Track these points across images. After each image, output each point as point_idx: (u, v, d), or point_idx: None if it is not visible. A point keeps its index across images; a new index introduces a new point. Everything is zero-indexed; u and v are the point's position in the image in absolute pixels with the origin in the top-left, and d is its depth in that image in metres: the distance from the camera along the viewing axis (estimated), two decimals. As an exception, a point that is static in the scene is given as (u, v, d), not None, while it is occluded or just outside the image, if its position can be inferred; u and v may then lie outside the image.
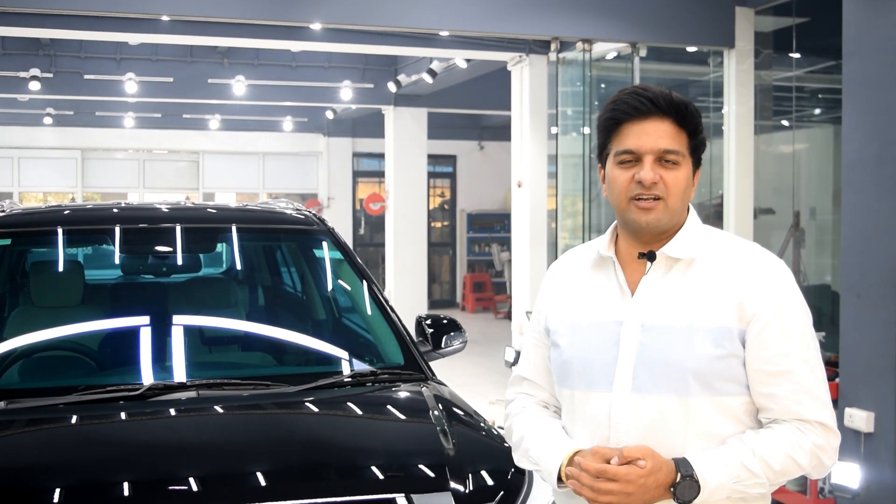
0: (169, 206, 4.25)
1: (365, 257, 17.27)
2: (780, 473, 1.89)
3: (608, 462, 1.86)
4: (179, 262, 4.12)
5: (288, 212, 4.22)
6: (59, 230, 3.91)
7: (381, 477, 2.70)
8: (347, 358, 3.68)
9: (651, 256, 1.99)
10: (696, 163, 2.00)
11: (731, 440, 1.91)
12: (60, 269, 3.93)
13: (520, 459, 2.14)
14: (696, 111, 1.98)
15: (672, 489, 1.85)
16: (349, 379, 3.42)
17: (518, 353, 3.94)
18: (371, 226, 18.67)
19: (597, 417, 1.98)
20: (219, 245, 4.51)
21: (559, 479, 1.97)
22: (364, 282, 3.88)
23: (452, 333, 3.80)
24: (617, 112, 1.97)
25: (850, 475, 5.01)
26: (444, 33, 8.55)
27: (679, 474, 1.85)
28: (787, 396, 1.91)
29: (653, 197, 1.94)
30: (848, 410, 5.01)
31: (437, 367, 3.71)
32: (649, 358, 1.94)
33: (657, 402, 1.93)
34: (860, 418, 4.92)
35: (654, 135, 1.94)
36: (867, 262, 4.95)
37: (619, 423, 1.95)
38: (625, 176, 1.96)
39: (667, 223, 1.97)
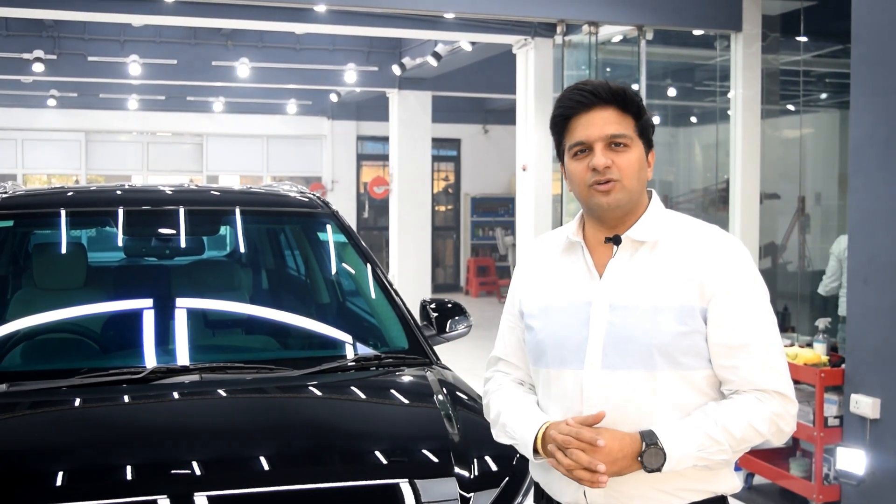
0: (172, 189, 4.22)
1: (369, 241, 17.29)
2: (742, 441, 2.00)
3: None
4: (183, 244, 4.08)
5: (292, 194, 4.19)
6: (62, 212, 3.89)
7: (384, 462, 2.69)
8: (351, 342, 3.66)
9: (617, 240, 2.10)
10: (647, 144, 2.12)
11: (695, 412, 2.02)
12: (63, 251, 3.91)
13: (498, 434, 2.24)
14: (634, 95, 2.09)
15: (639, 458, 1.95)
16: (353, 363, 3.40)
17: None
18: (375, 209, 18.64)
19: (570, 393, 2.09)
20: (222, 228, 4.48)
21: (535, 451, 2.07)
22: (368, 265, 3.85)
23: (457, 318, 3.79)
24: (563, 109, 2.10)
25: (856, 461, 4.99)
26: (450, 15, 8.50)
27: (644, 444, 1.95)
28: (746, 368, 2.02)
29: (608, 180, 2.05)
30: (854, 396, 4.98)
31: (442, 351, 3.69)
32: (617, 336, 2.04)
33: (626, 378, 2.03)
34: (866, 404, 4.89)
35: (600, 123, 2.05)
36: (874, 247, 4.92)
37: (591, 398, 2.05)
38: (581, 166, 2.08)
39: (627, 202, 2.08)
